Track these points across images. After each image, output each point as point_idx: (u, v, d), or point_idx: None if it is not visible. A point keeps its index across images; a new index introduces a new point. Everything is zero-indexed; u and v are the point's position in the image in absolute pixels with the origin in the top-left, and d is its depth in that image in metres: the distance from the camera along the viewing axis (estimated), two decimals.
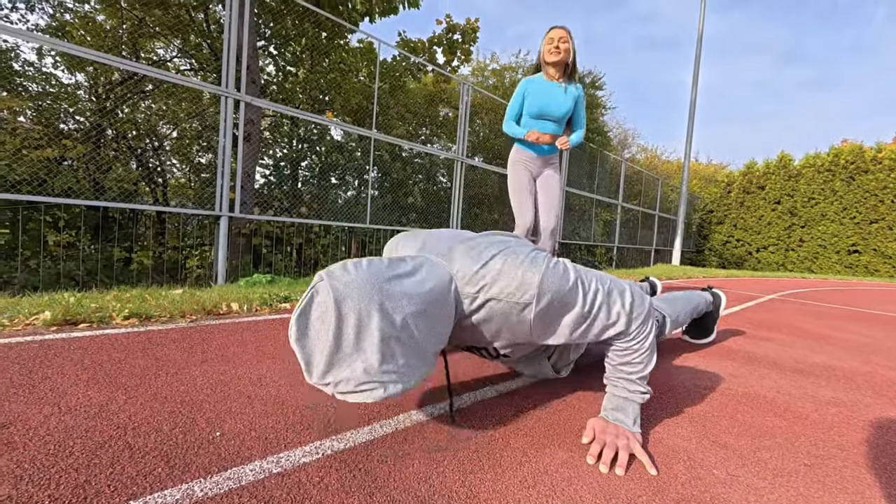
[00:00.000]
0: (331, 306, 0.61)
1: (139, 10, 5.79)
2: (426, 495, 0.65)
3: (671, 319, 1.44)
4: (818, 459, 0.87)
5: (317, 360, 0.62)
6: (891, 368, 1.67)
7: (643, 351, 0.85)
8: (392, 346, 0.63)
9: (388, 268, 0.68)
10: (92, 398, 0.88)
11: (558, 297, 0.75)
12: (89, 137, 5.56)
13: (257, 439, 0.77)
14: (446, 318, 0.73)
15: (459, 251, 0.79)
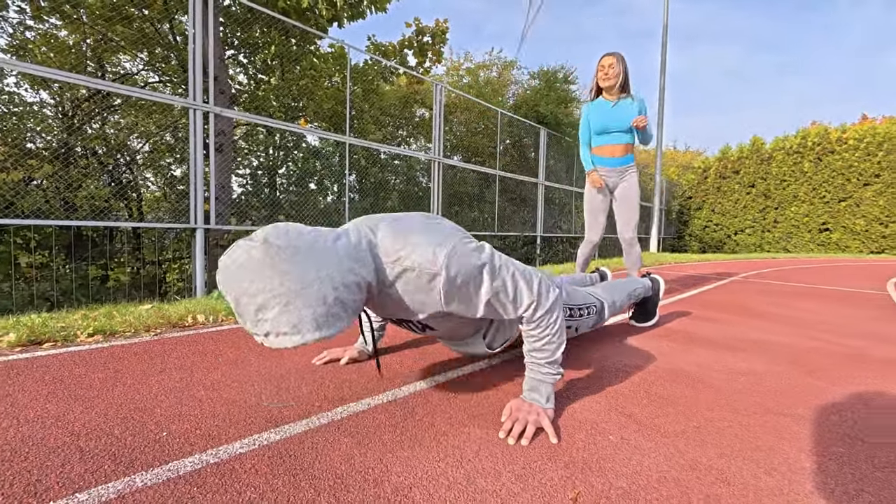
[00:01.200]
0: (245, 265, 0.69)
1: (102, 26, 5.73)
2: (345, 473, 0.75)
3: (608, 304, 1.56)
4: (708, 422, 0.99)
5: (242, 307, 0.69)
6: (814, 339, 1.82)
7: (551, 338, 0.96)
8: (308, 295, 0.69)
9: (304, 233, 0.75)
10: (49, 410, 0.95)
11: (464, 272, 0.84)
12: (57, 156, 5.49)
13: (201, 436, 0.85)
14: (360, 273, 0.78)
15: (385, 223, 0.87)
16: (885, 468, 0.82)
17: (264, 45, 6.95)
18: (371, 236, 0.85)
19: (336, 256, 0.75)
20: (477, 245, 0.89)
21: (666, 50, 9.70)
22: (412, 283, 0.84)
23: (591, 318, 1.46)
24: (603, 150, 2.57)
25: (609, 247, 11.75)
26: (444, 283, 0.82)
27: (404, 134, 9.24)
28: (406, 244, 0.83)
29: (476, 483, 0.73)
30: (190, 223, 3.95)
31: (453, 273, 0.82)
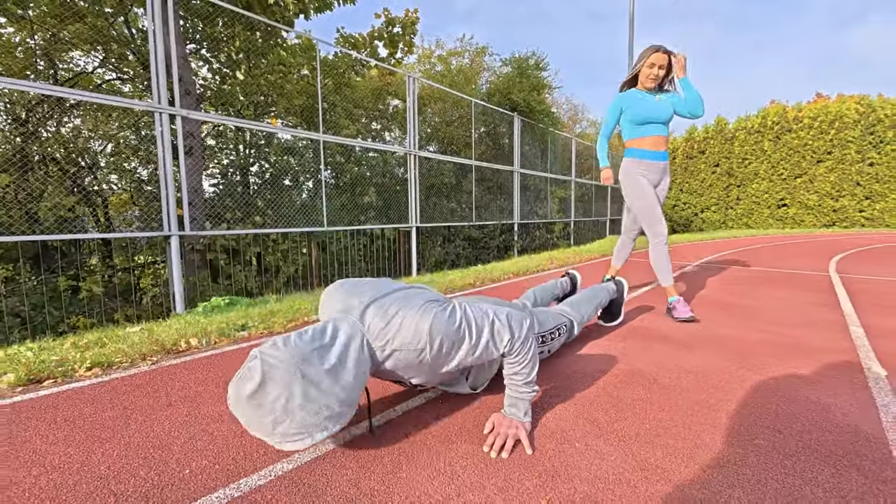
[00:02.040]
0: (264, 382, 0.82)
1: (52, 23, 5.39)
2: (354, 497, 0.88)
3: (577, 322, 1.74)
4: (658, 423, 1.17)
5: (254, 425, 0.84)
6: (761, 331, 2.06)
7: (525, 363, 1.11)
8: (310, 405, 0.84)
9: (311, 341, 0.89)
10: (72, 455, 1.03)
11: (447, 337, 0.98)
12: (12, 163, 5.22)
13: (221, 471, 0.96)
14: (361, 371, 0.94)
15: (370, 313, 0.99)
16: (792, 456, 1.01)
17: (228, 40, 6.71)
18: (361, 329, 0.98)
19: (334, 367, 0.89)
20: (451, 309, 1.03)
21: (633, 34, 9.88)
22: (402, 359, 0.99)
23: (561, 338, 1.63)
24: (645, 141, 2.42)
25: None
26: (430, 355, 0.97)
27: (378, 128, 9.15)
28: (391, 327, 0.96)
29: (465, 496, 0.87)
30: (164, 231, 3.90)
31: (436, 344, 0.97)
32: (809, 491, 0.89)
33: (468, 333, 1.01)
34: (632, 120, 2.44)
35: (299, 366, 0.84)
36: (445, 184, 9.10)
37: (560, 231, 11.97)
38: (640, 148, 2.45)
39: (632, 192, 2.48)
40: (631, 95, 2.43)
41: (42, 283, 5.08)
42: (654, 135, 2.41)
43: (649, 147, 2.43)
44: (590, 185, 13.23)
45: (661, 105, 2.38)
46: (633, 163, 2.49)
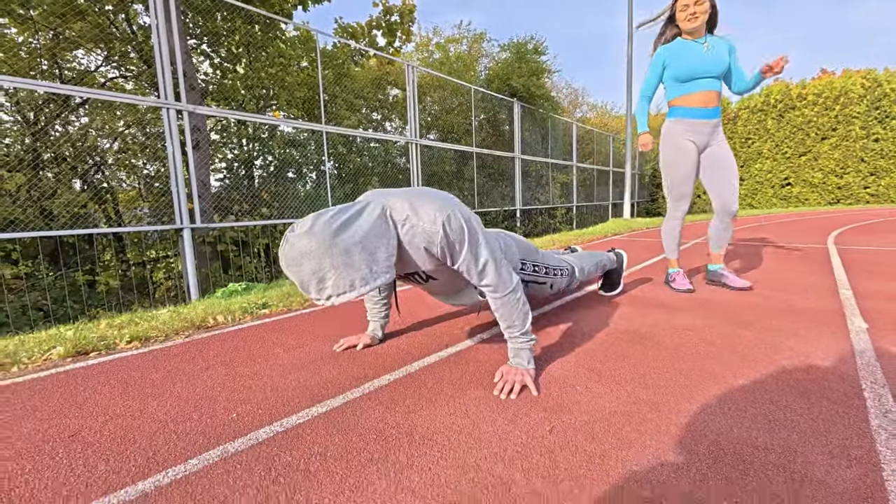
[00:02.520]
0: (302, 258, 0.94)
1: (54, 21, 5.47)
2: (383, 429, 1.01)
3: (578, 269, 1.85)
4: (652, 370, 1.29)
5: (305, 283, 0.96)
6: (754, 296, 2.17)
7: (516, 315, 1.22)
8: (353, 262, 0.96)
9: (338, 215, 1.00)
10: (130, 406, 1.17)
11: (456, 235, 1.11)
12: (24, 162, 5.35)
13: (264, 414, 1.10)
14: (387, 235, 1.04)
15: (395, 193, 1.12)
16: (771, 391, 1.13)
17: (228, 34, 6.76)
18: (386, 205, 1.09)
19: (367, 229, 1.00)
20: (469, 216, 1.15)
21: (632, 12, 9.80)
22: (417, 238, 1.10)
23: (564, 278, 1.74)
24: (692, 98, 2.10)
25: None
26: (441, 240, 1.09)
27: (379, 118, 9.20)
28: (413, 210, 1.09)
29: (479, 427, 1.00)
30: (176, 224, 4.04)
31: (448, 233, 1.09)
32: (783, 416, 1.01)
33: (469, 244, 1.13)
34: (675, 76, 2.11)
35: (333, 232, 0.95)
36: (447, 172, 9.17)
37: (562, 216, 12.03)
38: (686, 106, 2.12)
39: (666, 160, 2.21)
40: (675, 47, 2.10)
41: (61, 277, 5.25)
42: (703, 91, 2.07)
43: (696, 104, 2.09)
44: (591, 170, 13.23)
45: (712, 56, 2.04)
46: (675, 123, 2.17)
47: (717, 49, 2.06)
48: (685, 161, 2.17)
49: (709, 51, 2.05)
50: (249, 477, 0.84)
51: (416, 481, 0.81)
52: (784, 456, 0.85)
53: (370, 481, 0.82)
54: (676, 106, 2.17)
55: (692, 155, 2.16)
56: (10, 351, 1.61)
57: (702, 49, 2.06)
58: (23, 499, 0.80)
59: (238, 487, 0.81)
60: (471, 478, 0.82)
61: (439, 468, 0.85)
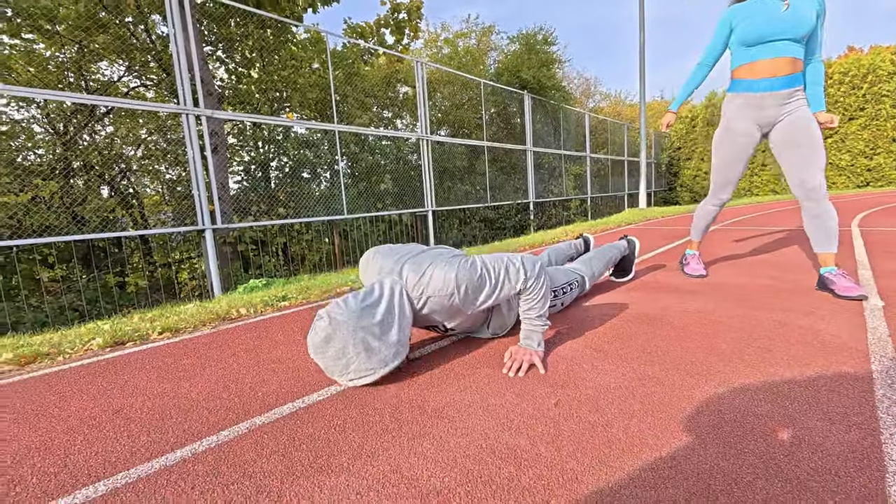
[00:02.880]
0: (330, 336, 1.06)
1: (79, 35, 5.72)
2: (397, 404, 1.07)
3: (588, 277, 1.88)
4: (658, 349, 1.32)
5: (330, 369, 1.10)
6: (768, 278, 2.15)
7: (538, 299, 1.27)
8: (373, 349, 1.08)
9: (363, 300, 1.11)
10: (165, 388, 1.26)
11: (471, 284, 1.17)
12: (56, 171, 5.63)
13: (287, 392, 1.17)
14: (405, 317, 1.15)
15: (406, 269, 1.20)
16: (776, 365, 1.15)
17: (242, 39, 6.93)
18: (400, 282, 1.18)
19: (383, 317, 1.10)
20: (471, 261, 1.21)
21: (643, 2, 9.59)
22: (436, 304, 1.19)
23: (574, 292, 1.78)
24: (756, 67, 1.79)
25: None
26: (459, 298, 1.17)
27: (390, 115, 9.28)
28: (424, 279, 1.17)
29: (488, 401, 1.05)
30: (198, 225, 4.20)
31: (462, 289, 1.16)
32: (787, 388, 1.03)
33: (487, 277, 1.19)
34: (742, 40, 1.81)
35: (358, 321, 1.07)
36: (458, 167, 9.19)
37: (577, 208, 11.91)
38: (749, 78, 1.81)
39: (714, 140, 2.02)
40: (748, 5, 1.80)
41: (94, 279, 5.52)
42: (771, 57, 1.75)
43: (762, 74, 1.77)
44: (605, 161, 13.04)
45: (791, 15, 1.71)
46: (732, 99, 1.92)
47: (799, 7, 1.71)
48: (732, 144, 1.93)
49: (788, 9, 1.71)
50: (275, 445, 0.92)
51: (428, 448, 0.87)
52: (783, 423, 0.88)
53: (385, 448, 0.88)
54: (737, 78, 1.87)
55: (743, 138, 1.89)
56: (55, 342, 1.75)
57: (780, 7, 1.72)
58: (77, 465, 0.89)
59: (265, 454, 0.89)
60: (479, 444, 0.87)
61: (449, 436, 0.91)
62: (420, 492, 0.74)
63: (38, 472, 0.87)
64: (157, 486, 0.80)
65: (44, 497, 0.79)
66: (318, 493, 0.76)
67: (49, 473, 0.86)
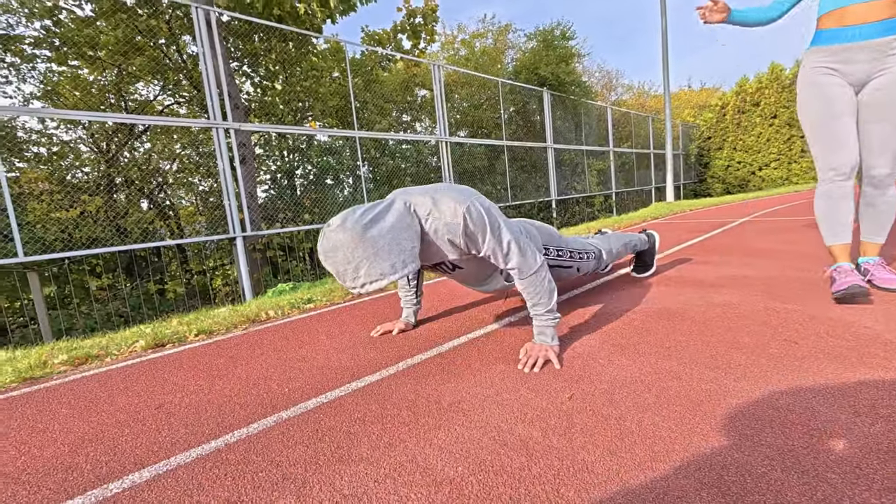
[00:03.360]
0: (340, 237, 1.05)
1: (118, 60, 6.12)
2: (414, 399, 1.11)
3: (605, 251, 1.86)
4: (678, 343, 1.30)
5: (341, 274, 1.07)
6: (795, 269, 2.06)
7: (542, 293, 1.28)
8: (382, 252, 1.06)
9: (372, 207, 1.12)
10: (201, 385, 1.35)
11: (477, 224, 1.17)
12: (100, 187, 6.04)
13: (311, 389, 1.24)
14: (412, 229, 1.14)
15: (418, 191, 1.22)
16: (802, 359, 1.11)
17: (265, 53, 7.21)
18: (410, 201, 1.19)
19: (393, 223, 1.10)
20: (489, 205, 1.22)
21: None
22: (441, 230, 1.18)
23: (590, 261, 1.76)
24: (846, 13, 1.49)
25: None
26: (462, 230, 1.17)
27: (409, 119, 9.40)
28: (434, 205, 1.17)
29: (502, 395, 1.08)
30: (229, 233, 4.41)
31: (468, 223, 1.17)
32: (812, 380, 1.00)
33: (491, 231, 1.19)
34: None
35: (365, 226, 1.05)
36: (478, 167, 9.20)
37: (601, 204, 11.66)
38: (831, 27, 1.53)
39: (798, 104, 1.65)
40: None
41: (136, 287, 5.88)
42: (864, 1, 1.45)
43: (851, 20, 1.48)
44: (630, 154, 12.71)
45: None
46: (811, 54, 1.61)
47: None
48: (821, 96, 1.56)
49: None
50: (300, 436, 0.97)
51: (443, 439, 0.90)
52: (804, 415, 0.86)
53: (402, 440, 0.92)
54: (822, 28, 1.57)
55: (830, 88, 1.55)
56: (103, 345, 1.89)
57: None
58: (125, 454, 0.97)
59: (291, 444, 0.94)
60: (493, 436, 0.90)
61: (463, 429, 0.94)
62: (434, 480, 0.78)
63: (91, 460, 0.96)
64: (195, 473, 0.87)
65: (97, 482, 0.88)
66: (338, 480, 0.80)
67: (101, 461, 0.95)
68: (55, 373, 1.63)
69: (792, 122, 14.06)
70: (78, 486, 0.86)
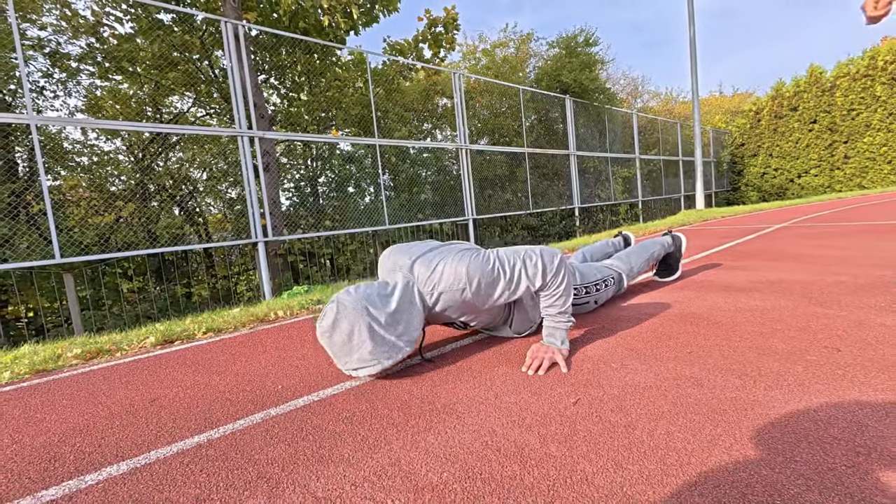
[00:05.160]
0: (337, 318, 1.06)
1: (155, 74, 6.46)
2: (407, 399, 1.04)
3: (626, 273, 1.75)
4: (700, 348, 1.18)
5: (335, 353, 1.09)
6: (839, 274, 1.88)
7: (559, 295, 1.19)
8: (378, 338, 1.06)
9: (375, 290, 1.11)
10: (198, 380, 1.33)
11: (484, 278, 1.12)
12: (135, 194, 6.34)
13: (304, 386, 1.19)
14: (416, 312, 1.12)
15: (417, 265, 1.17)
16: (845, 367, 0.98)
17: (291, 65, 7.45)
18: (411, 278, 1.16)
19: (393, 308, 1.09)
20: (485, 254, 1.17)
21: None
22: (448, 300, 1.14)
23: (609, 289, 1.66)
24: None
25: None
26: (471, 292, 1.12)
27: (429, 127, 9.47)
28: (435, 274, 1.13)
29: (502, 398, 0.99)
30: (252, 238, 4.51)
31: (475, 283, 1.12)
32: (858, 391, 0.87)
33: (502, 271, 1.14)
34: None
35: (365, 307, 1.06)
36: (499, 175, 9.12)
37: (626, 212, 11.32)
38: None
39: None
40: None
41: (165, 290, 6.09)
42: None
43: None
44: (657, 162, 12.33)
45: None
46: None
47: None
48: None
49: None
50: (284, 434, 0.92)
51: (431, 442, 0.83)
52: (849, 430, 0.74)
53: (388, 441, 0.85)
54: None
55: None
56: (116, 340, 1.92)
57: None
58: (109, 446, 0.95)
59: (273, 442, 0.89)
60: (485, 441, 0.82)
61: (455, 432, 0.86)
62: (415, 485, 0.70)
63: (76, 450, 0.94)
64: (171, 468, 0.83)
65: (75, 473, 0.85)
66: (314, 481, 0.74)
67: (85, 452, 0.93)
68: (66, 366, 1.66)
69: (833, 127, 13.32)
70: (56, 477, 0.84)
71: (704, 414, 0.83)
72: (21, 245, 4.76)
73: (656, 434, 0.78)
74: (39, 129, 4.06)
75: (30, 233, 5.02)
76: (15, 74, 5.32)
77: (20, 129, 5.31)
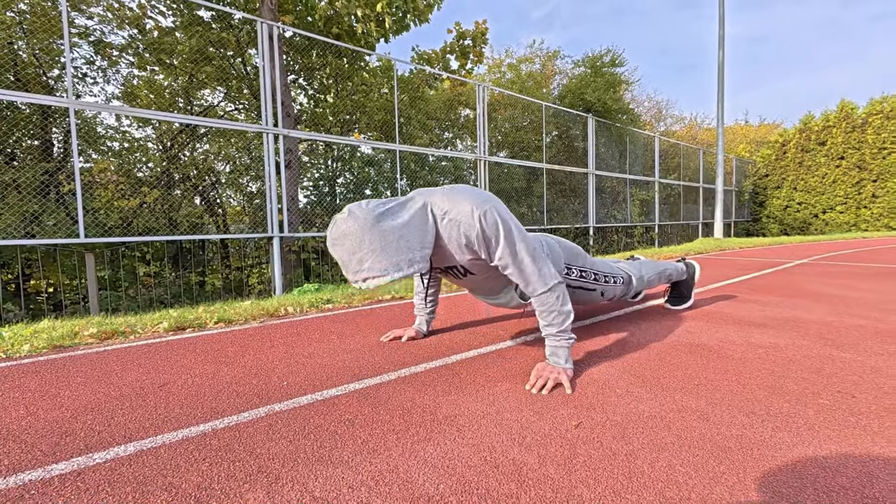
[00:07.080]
0: (349, 227, 1.03)
1: (190, 67, 6.69)
2: (410, 408, 1.05)
3: (636, 277, 1.74)
4: (709, 381, 1.16)
5: (345, 263, 1.05)
6: (858, 317, 1.83)
7: (557, 313, 1.19)
8: (388, 248, 1.02)
9: (388, 202, 1.10)
10: (207, 370, 1.36)
11: (492, 229, 1.13)
12: (160, 181, 6.53)
13: (309, 385, 1.20)
14: (429, 230, 1.11)
15: (438, 191, 1.18)
16: (859, 414, 0.95)
17: (320, 68, 7.63)
18: (428, 201, 1.16)
19: (407, 220, 1.07)
20: (507, 215, 1.16)
21: (723, 20, 9.03)
22: (456, 231, 1.14)
23: (617, 286, 1.64)
24: None
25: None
26: (477, 233, 1.12)
27: (450, 136, 9.56)
28: (452, 205, 1.14)
29: (503, 415, 0.99)
30: (268, 232, 4.59)
31: (484, 227, 1.12)
32: (870, 440, 0.84)
33: (505, 240, 1.14)
34: None
35: (378, 217, 1.04)
36: (516, 188, 9.13)
37: (641, 235, 11.19)
38: None
39: None
40: None
41: (180, 277, 6.23)
42: None
43: None
44: (676, 186, 12.19)
45: None
46: None
47: None
48: None
49: None
50: (286, 431, 0.94)
51: (430, 453, 0.84)
52: (858, 481, 0.72)
53: (387, 447, 0.86)
54: None
55: None
56: (131, 323, 1.97)
57: None
58: (118, 426, 0.98)
59: (275, 438, 0.91)
60: (484, 457, 0.82)
61: (454, 445, 0.86)
62: (412, 494, 0.71)
63: (87, 428, 0.97)
64: (175, 454, 0.85)
65: (85, 450, 0.88)
66: (312, 480, 0.75)
67: (94, 430, 0.96)
68: (82, 344, 1.71)
69: (862, 165, 13.00)
70: (67, 452, 0.87)
71: (708, 449, 0.82)
72: (48, 222, 4.94)
73: (658, 466, 0.77)
74: (77, 114, 4.23)
75: (58, 211, 5.20)
76: (59, 60, 5.57)
77: (59, 112, 5.55)
